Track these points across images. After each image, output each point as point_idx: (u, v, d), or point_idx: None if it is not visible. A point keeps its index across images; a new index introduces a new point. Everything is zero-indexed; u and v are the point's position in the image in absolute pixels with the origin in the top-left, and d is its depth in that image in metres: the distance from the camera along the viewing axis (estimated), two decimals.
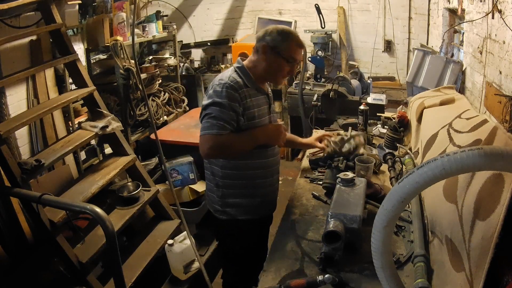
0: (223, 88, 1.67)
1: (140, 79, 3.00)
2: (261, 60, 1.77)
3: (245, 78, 1.76)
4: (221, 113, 1.65)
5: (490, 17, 2.01)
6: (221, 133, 1.63)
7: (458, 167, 0.89)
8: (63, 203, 1.99)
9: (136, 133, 3.64)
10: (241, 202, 1.82)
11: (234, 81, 1.70)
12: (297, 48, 1.78)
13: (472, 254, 1.07)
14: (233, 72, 1.77)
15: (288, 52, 1.73)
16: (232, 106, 1.66)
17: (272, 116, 1.89)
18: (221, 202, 1.84)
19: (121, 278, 1.83)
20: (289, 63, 1.77)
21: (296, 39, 1.77)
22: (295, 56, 1.77)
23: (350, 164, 2.04)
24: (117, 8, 3.33)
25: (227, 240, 1.96)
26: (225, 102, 1.65)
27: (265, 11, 5.19)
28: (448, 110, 2.06)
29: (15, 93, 2.97)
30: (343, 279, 1.33)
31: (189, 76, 4.86)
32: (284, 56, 1.73)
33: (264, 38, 1.74)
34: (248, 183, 1.81)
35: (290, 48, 1.74)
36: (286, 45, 1.73)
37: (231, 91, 1.67)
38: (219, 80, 1.73)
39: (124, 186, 2.71)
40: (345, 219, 1.45)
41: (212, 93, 1.70)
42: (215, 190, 1.86)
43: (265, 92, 1.85)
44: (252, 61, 1.81)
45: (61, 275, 2.20)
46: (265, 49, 1.74)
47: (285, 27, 1.81)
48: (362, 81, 4.30)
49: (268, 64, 1.76)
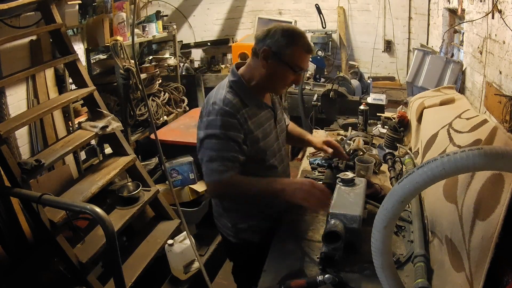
0: (217, 116, 1.43)
1: (140, 79, 3.00)
2: (261, 67, 1.48)
3: (243, 94, 1.50)
4: (220, 149, 1.42)
5: (490, 17, 2.01)
6: (227, 177, 1.42)
7: (458, 167, 0.89)
8: (63, 203, 1.99)
9: (136, 133, 3.64)
10: (257, 225, 1.65)
11: (230, 103, 1.45)
12: (305, 54, 1.48)
13: (472, 254, 1.07)
14: (227, 91, 1.49)
15: (294, 59, 1.45)
16: (232, 136, 1.43)
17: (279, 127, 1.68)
18: (234, 228, 1.67)
19: (121, 278, 1.83)
20: (295, 72, 1.48)
21: (305, 42, 1.47)
22: (302, 64, 1.48)
23: (350, 164, 2.04)
24: (117, 8, 3.33)
25: (240, 260, 1.82)
26: (223, 133, 1.42)
27: (265, 11, 5.19)
28: (448, 110, 2.05)
29: (15, 93, 2.97)
30: (343, 279, 1.33)
31: (189, 76, 4.86)
32: (288, 63, 1.45)
33: (265, 41, 1.45)
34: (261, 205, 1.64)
35: (296, 54, 1.45)
36: (292, 50, 1.44)
37: (227, 118, 1.42)
38: (212, 104, 1.47)
39: (124, 186, 2.71)
40: (345, 219, 1.44)
41: (206, 122, 1.46)
42: (225, 215, 1.68)
43: (267, 105, 1.61)
44: (250, 68, 1.54)
45: (61, 275, 2.20)
46: (266, 54, 1.45)
47: (290, 26, 1.52)
48: (362, 81, 4.30)
49: (269, 72, 1.47)
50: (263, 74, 1.49)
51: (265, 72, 1.48)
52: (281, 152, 1.69)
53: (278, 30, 1.45)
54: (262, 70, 1.48)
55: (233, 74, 1.55)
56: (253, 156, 1.53)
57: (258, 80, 1.51)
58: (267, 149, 1.58)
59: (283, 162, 1.70)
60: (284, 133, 1.78)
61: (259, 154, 1.55)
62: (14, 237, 2.19)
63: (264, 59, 1.46)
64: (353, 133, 2.54)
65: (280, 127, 1.70)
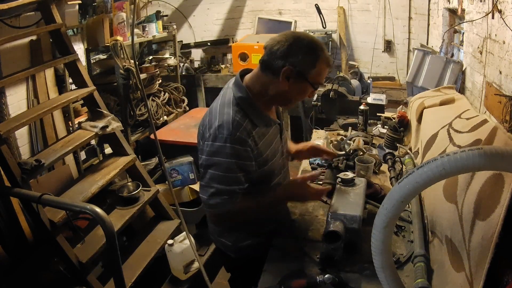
0: (226, 143, 1.29)
1: (140, 79, 3.00)
2: (279, 84, 1.35)
3: (252, 114, 1.37)
4: (227, 182, 1.33)
5: (490, 17, 2.01)
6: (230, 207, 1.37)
7: (458, 167, 0.89)
8: (63, 203, 1.99)
9: (136, 133, 3.64)
10: (259, 241, 1.60)
11: (239, 127, 1.31)
12: (326, 69, 1.40)
13: (472, 254, 1.07)
14: (235, 111, 1.34)
15: (317, 77, 1.37)
16: (241, 167, 1.34)
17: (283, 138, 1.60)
18: (235, 246, 1.61)
19: (121, 278, 1.83)
20: (315, 89, 1.42)
21: (326, 57, 1.38)
22: (321, 80, 1.41)
23: (350, 164, 2.04)
24: (117, 8, 3.33)
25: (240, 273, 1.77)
26: (232, 164, 1.31)
27: (265, 11, 5.19)
28: (448, 110, 2.06)
29: (15, 93, 2.97)
30: (343, 279, 1.33)
31: (189, 76, 4.86)
32: (311, 81, 1.36)
33: (287, 59, 1.32)
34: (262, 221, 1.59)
35: (320, 71, 1.37)
36: (317, 69, 1.35)
37: (238, 147, 1.30)
38: (218, 127, 1.31)
39: (124, 186, 2.71)
40: (345, 219, 1.45)
41: (212, 148, 1.32)
42: (225, 235, 1.62)
43: (276, 121, 1.52)
44: (260, 83, 1.40)
45: (61, 275, 2.20)
46: (289, 74, 1.33)
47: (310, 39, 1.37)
48: (362, 81, 4.30)
49: (290, 90, 1.37)
50: (280, 92, 1.38)
51: (285, 90, 1.37)
52: (285, 168, 1.65)
53: (301, 47, 1.33)
54: (280, 88, 1.36)
55: (239, 88, 1.40)
56: (261, 177, 1.45)
57: (272, 96, 1.40)
58: (275, 169, 1.52)
59: (285, 179, 1.65)
60: (287, 145, 1.72)
61: (266, 175, 1.48)
62: (14, 237, 2.19)
63: (287, 79, 1.34)
64: (353, 133, 2.54)
65: (284, 138, 1.63)
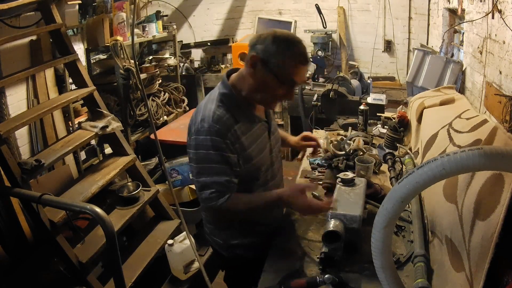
0: (207, 136, 1.30)
1: (140, 79, 3.00)
2: (249, 75, 1.34)
3: (235, 109, 1.37)
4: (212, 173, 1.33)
5: (490, 17, 2.01)
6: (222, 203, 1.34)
7: (458, 167, 0.89)
8: (63, 203, 1.99)
9: (136, 133, 3.64)
10: (250, 241, 1.58)
11: (220, 121, 1.31)
12: (298, 65, 1.31)
13: (472, 254, 1.07)
14: (217, 105, 1.35)
15: (284, 70, 1.29)
16: (225, 158, 1.33)
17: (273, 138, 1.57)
18: (227, 245, 1.60)
19: (121, 278, 1.83)
20: (283, 84, 1.32)
21: (298, 52, 1.30)
22: (294, 76, 1.31)
23: (350, 164, 2.04)
24: (117, 8, 3.33)
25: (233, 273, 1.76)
26: (215, 155, 1.31)
27: (265, 11, 5.19)
28: (448, 110, 2.06)
29: (15, 93, 2.97)
30: (343, 279, 1.33)
31: (189, 76, 4.86)
32: (276, 74, 1.29)
33: (255, 47, 1.31)
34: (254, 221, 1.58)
35: (287, 65, 1.29)
36: (283, 59, 1.28)
37: (217, 138, 1.30)
38: (200, 121, 1.33)
39: (124, 186, 2.71)
40: (345, 219, 1.45)
41: (195, 142, 1.34)
42: (216, 233, 1.62)
43: (261, 119, 1.49)
44: (241, 77, 1.40)
45: (61, 275, 2.20)
46: (253, 61, 1.31)
47: (286, 32, 1.34)
48: (362, 81, 4.30)
49: (257, 82, 1.33)
50: (251, 84, 1.36)
51: (253, 82, 1.35)
52: (274, 167, 1.58)
53: (269, 36, 1.30)
54: (250, 79, 1.35)
55: (224, 86, 1.41)
56: (246, 174, 1.43)
57: (247, 90, 1.38)
58: (261, 166, 1.49)
59: (275, 178, 1.60)
60: (279, 143, 1.66)
61: (253, 172, 1.46)
62: (14, 237, 2.19)
63: (252, 66, 1.32)
64: (353, 133, 2.54)
65: (274, 138, 1.59)
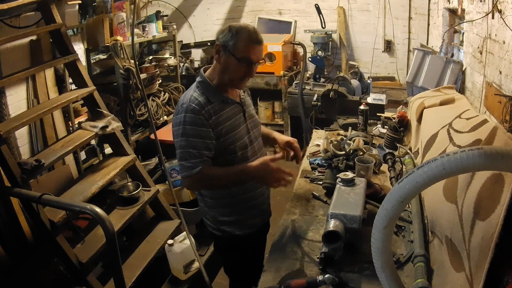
0: (184, 113, 1.54)
1: (140, 79, 2.99)
2: (216, 62, 1.61)
3: (208, 92, 1.60)
4: (188, 145, 1.53)
5: (490, 17, 2.01)
6: (195, 172, 1.52)
7: (458, 167, 0.89)
8: (63, 203, 1.99)
9: (136, 133, 3.64)
10: (235, 219, 1.74)
11: (195, 101, 1.55)
12: (252, 45, 1.54)
13: (472, 254, 1.07)
14: (194, 90, 1.61)
15: (239, 50, 1.53)
16: (199, 132, 1.53)
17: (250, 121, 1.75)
18: (215, 221, 1.77)
19: (121, 278, 1.83)
20: (243, 64, 1.55)
21: (249, 33, 1.53)
22: (250, 55, 1.54)
23: (350, 164, 2.04)
24: (117, 8, 3.33)
25: (227, 253, 1.88)
26: (189, 130, 1.53)
27: (265, 11, 5.19)
28: (448, 110, 2.06)
29: (15, 93, 2.97)
30: (343, 279, 1.33)
31: (189, 76, 4.86)
32: (235, 55, 1.53)
33: (218, 38, 1.57)
34: (238, 199, 1.72)
35: (241, 45, 1.52)
36: (237, 41, 1.52)
37: (192, 115, 1.53)
38: (181, 104, 1.59)
39: (124, 186, 2.71)
40: (345, 219, 1.45)
41: (174, 120, 1.59)
42: (206, 210, 1.78)
43: (234, 101, 1.68)
44: (212, 68, 1.66)
45: (61, 275, 2.20)
46: (217, 49, 1.57)
47: (241, 23, 1.62)
48: (362, 81, 4.30)
49: (222, 66, 1.58)
50: (219, 69, 1.60)
51: (220, 67, 1.59)
52: (253, 145, 1.74)
53: (227, 26, 1.56)
54: (218, 66, 1.60)
55: (200, 76, 1.66)
56: (224, 149, 1.62)
57: (218, 76, 1.61)
58: (236, 141, 1.65)
59: (256, 155, 1.74)
60: (258, 128, 1.83)
61: (229, 146, 1.63)
62: (14, 237, 2.19)
63: (217, 53, 1.58)
64: (353, 133, 2.54)
65: (252, 122, 1.76)
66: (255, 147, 1.76)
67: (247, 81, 1.66)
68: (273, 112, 4.87)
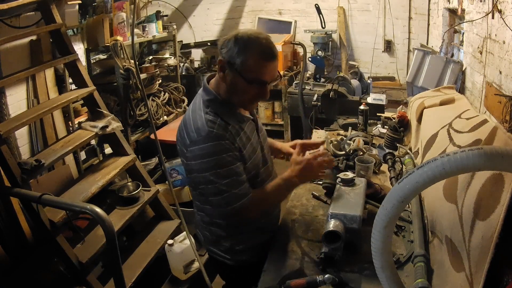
0: (207, 143, 1.28)
1: (140, 79, 2.99)
2: (221, 80, 1.33)
3: (222, 113, 1.34)
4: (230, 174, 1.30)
5: (490, 17, 2.01)
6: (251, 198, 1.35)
7: (458, 167, 0.89)
8: (63, 203, 1.99)
9: (136, 133, 3.64)
10: (253, 245, 1.56)
11: (215, 125, 1.30)
12: (264, 62, 1.26)
13: (472, 254, 1.07)
14: (205, 112, 1.33)
15: (249, 70, 1.26)
16: (230, 160, 1.31)
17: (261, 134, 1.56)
18: (231, 252, 1.55)
19: (121, 278, 1.83)
20: (254, 85, 1.29)
21: (262, 48, 1.25)
22: (262, 76, 1.27)
23: (350, 164, 2.04)
24: (117, 8, 3.33)
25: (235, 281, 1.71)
26: (220, 159, 1.29)
27: (265, 11, 5.19)
28: (448, 110, 2.06)
29: (15, 93, 2.97)
30: (343, 279, 1.33)
31: (189, 76, 4.86)
32: (244, 76, 1.26)
33: (221, 51, 1.29)
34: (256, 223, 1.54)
35: (251, 63, 1.25)
36: (245, 59, 1.25)
37: (218, 142, 1.29)
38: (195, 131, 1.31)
39: (124, 186, 2.71)
40: (345, 219, 1.45)
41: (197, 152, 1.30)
42: (220, 241, 1.55)
43: (249, 118, 1.48)
44: (217, 82, 1.38)
45: (61, 275, 2.20)
46: (221, 66, 1.30)
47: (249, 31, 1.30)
48: (362, 81, 4.30)
49: (228, 85, 1.32)
50: (225, 88, 1.35)
51: (225, 85, 1.34)
52: (267, 165, 1.57)
53: (232, 37, 1.28)
54: (223, 84, 1.34)
55: (207, 92, 1.39)
56: (248, 173, 1.42)
57: (224, 94, 1.36)
58: (258, 164, 1.49)
59: (270, 176, 1.58)
60: (267, 141, 1.64)
61: (252, 170, 1.45)
62: (14, 237, 2.19)
63: (221, 70, 1.32)
64: (353, 133, 2.54)
65: (262, 136, 1.57)
66: (269, 166, 1.59)
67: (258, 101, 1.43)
68: (273, 112, 4.88)
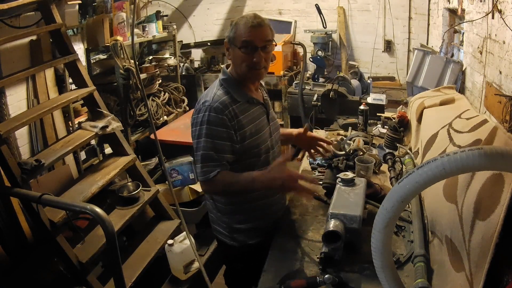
0: (205, 112, 1.47)
1: (140, 79, 2.99)
2: (228, 59, 1.59)
3: (233, 91, 1.54)
4: (209, 147, 1.46)
5: (490, 17, 2.01)
6: (212, 177, 1.46)
7: (458, 167, 0.89)
8: (63, 203, 1.99)
9: (136, 133, 3.64)
10: (251, 226, 1.65)
11: (219, 100, 1.49)
12: (249, 28, 1.47)
13: (472, 254, 1.07)
14: (218, 88, 1.54)
15: (238, 37, 1.49)
16: (221, 133, 1.46)
17: (272, 124, 1.68)
18: (229, 229, 1.67)
19: (121, 278, 1.83)
20: (245, 50, 1.48)
21: (247, 19, 1.49)
22: (247, 37, 1.46)
23: (350, 164, 2.04)
24: (117, 8, 3.33)
25: (235, 264, 1.79)
26: (211, 130, 1.46)
27: (265, 11, 5.18)
28: (448, 110, 2.06)
29: (15, 93, 2.97)
30: (343, 279, 1.33)
31: (189, 76, 4.86)
32: (237, 44, 1.49)
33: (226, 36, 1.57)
34: (255, 206, 1.63)
35: (239, 32, 1.48)
36: (236, 30, 1.50)
37: (214, 114, 1.46)
38: (202, 102, 1.51)
39: (124, 186, 2.71)
40: (345, 219, 1.45)
41: (195, 120, 1.51)
42: (219, 216, 1.68)
43: (259, 101, 1.62)
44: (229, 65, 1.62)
45: (61, 275, 2.20)
46: (226, 46, 1.57)
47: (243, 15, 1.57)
48: (362, 81, 4.30)
49: (232, 61, 1.57)
50: (232, 66, 1.59)
51: (231, 61, 1.57)
52: (274, 150, 1.68)
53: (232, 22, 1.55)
54: (231, 63, 1.59)
55: (223, 73, 1.61)
56: (248, 151, 1.55)
57: (233, 72, 1.58)
58: (261, 144, 1.59)
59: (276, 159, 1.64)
60: (278, 132, 1.76)
61: (253, 149, 1.57)
62: (14, 237, 2.19)
63: (227, 50, 1.57)
64: (353, 133, 2.54)
65: (273, 125, 1.69)
66: (276, 152, 1.69)
67: (261, 70, 1.53)
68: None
